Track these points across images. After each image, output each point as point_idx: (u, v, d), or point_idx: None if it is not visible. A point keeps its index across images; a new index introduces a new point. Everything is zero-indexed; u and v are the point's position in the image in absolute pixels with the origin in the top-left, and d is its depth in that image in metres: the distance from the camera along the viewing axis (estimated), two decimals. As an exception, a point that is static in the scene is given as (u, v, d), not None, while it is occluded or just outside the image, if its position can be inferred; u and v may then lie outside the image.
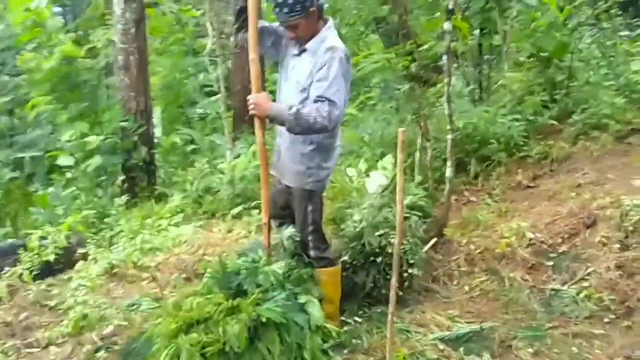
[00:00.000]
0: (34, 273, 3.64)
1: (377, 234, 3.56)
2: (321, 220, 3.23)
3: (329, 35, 2.93)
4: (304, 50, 2.94)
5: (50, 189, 6.59)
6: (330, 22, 3.01)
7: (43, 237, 3.69)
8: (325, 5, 3.16)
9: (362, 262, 3.61)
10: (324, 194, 3.28)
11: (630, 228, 3.59)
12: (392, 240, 3.35)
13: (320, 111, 2.73)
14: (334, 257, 3.32)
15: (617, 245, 3.56)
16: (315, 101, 2.78)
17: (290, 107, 2.78)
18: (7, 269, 3.93)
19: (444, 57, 3.78)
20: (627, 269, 3.42)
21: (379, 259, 3.55)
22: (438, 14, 6.91)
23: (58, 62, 7.02)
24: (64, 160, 6.24)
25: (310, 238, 3.15)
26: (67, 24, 14.78)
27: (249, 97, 2.86)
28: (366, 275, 3.60)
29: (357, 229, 3.63)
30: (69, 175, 6.47)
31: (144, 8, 7.34)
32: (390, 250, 3.44)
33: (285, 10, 2.78)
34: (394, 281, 2.39)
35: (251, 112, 2.85)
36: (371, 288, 3.59)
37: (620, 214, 3.71)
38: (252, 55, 2.85)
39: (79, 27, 10.91)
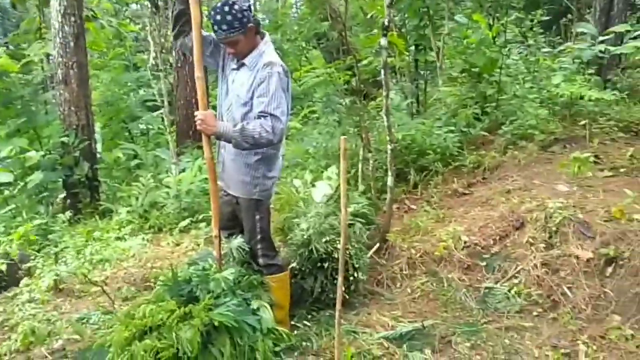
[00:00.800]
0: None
1: (323, 240, 3.70)
2: (269, 228, 3.35)
3: (266, 50, 3.05)
4: (243, 65, 3.05)
5: (-12, 207, 6.40)
6: (267, 36, 3.12)
7: (-6, 247, 3.62)
8: (266, 21, 3.30)
9: (310, 268, 3.74)
10: (271, 203, 3.42)
11: (554, 229, 3.90)
12: (338, 246, 3.51)
13: (264, 126, 2.84)
14: (282, 264, 3.45)
15: (543, 245, 3.86)
16: (259, 117, 2.89)
17: (235, 125, 2.88)
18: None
19: (382, 72, 3.99)
20: (551, 266, 3.71)
21: (326, 265, 3.71)
22: (375, 30, 7.20)
23: (-7, 77, 6.86)
24: (2, 177, 6.07)
25: (259, 247, 3.26)
26: (-2, 38, 14.32)
27: (196, 113, 2.91)
28: (314, 281, 3.75)
29: (305, 237, 3.77)
30: (7, 192, 6.29)
31: (83, 22, 7.27)
32: (336, 256, 3.60)
33: (224, 27, 2.87)
34: (340, 282, 2.55)
35: (198, 127, 2.90)
36: (319, 293, 3.73)
37: (545, 216, 4.01)
38: (198, 73, 2.92)
39: (13, 41, 10.60)
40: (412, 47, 7.39)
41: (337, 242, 3.65)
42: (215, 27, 2.90)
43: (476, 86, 6.73)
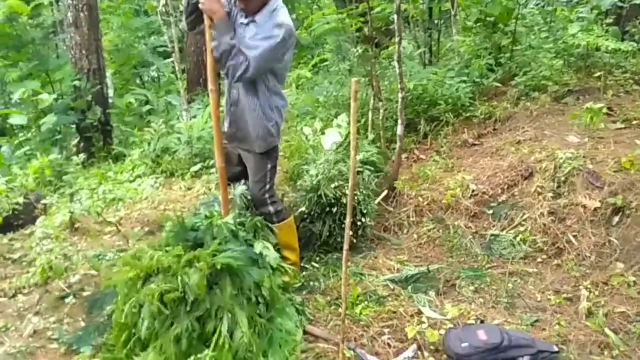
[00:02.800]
0: (5, 215, 3.66)
1: (332, 185, 3.76)
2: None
3: (277, 8, 2.96)
4: (253, 21, 3.00)
5: (3, 149, 6.48)
6: None
7: (10, 182, 3.71)
8: None
9: (318, 213, 3.81)
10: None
11: (563, 178, 3.92)
12: (347, 192, 3.57)
13: (247, 64, 2.86)
14: (286, 209, 3.50)
15: (550, 194, 3.89)
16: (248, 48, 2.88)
17: (232, 39, 2.87)
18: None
19: (395, 18, 3.94)
20: (558, 215, 3.76)
21: (334, 209, 3.77)
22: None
23: (3, 19, 6.83)
24: (16, 119, 6.13)
25: (267, 195, 3.29)
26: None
27: None
28: (322, 225, 3.82)
29: (314, 182, 3.83)
30: (21, 135, 6.35)
31: (94, -36, 7.18)
32: (344, 201, 3.67)
33: None
34: (348, 223, 2.60)
35: (201, 6, 2.84)
36: (327, 236, 3.82)
37: (554, 166, 4.03)
38: (212, 86, 2.93)
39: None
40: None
41: (346, 187, 3.70)
42: None
43: (491, 36, 6.61)
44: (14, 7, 6.65)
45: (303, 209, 3.85)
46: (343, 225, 3.60)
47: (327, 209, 3.80)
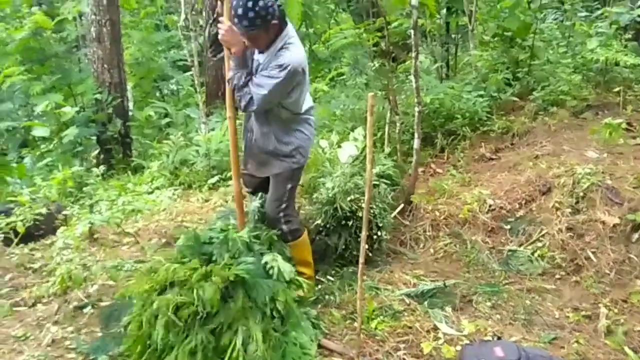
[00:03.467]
0: (27, 225, 3.73)
1: (348, 198, 3.77)
2: (295, 194, 3.40)
3: (285, 47, 2.93)
4: (261, 52, 3.02)
5: (25, 160, 6.61)
6: (287, 29, 2.98)
7: (34, 193, 3.78)
8: None
9: (334, 226, 3.82)
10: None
11: (581, 194, 3.89)
12: (363, 205, 3.57)
13: (251, 98, 2.90)
14: (302, 224, 3.49)
15: (569, 210, 3.86)
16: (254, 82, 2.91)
17: (248, 77, 2.90)
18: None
19: (412, 33, 3.97)
20: (576, 231, 3.72)
21: (350, 223, 3.77)
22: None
23: (29, 33, 6.99)
24: (39, 131, 6.26)
25: (282, 214, 3.27)
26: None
27: (220, 25, 2.85)
28: (338, 238, 3.83)
29: (330, 195, 3.84)
30: (43, 147, 6.48)
31: (116, -21, 7.34)
32: (360, 214, 3.66)
33: (245, 23, 2.76)
34: (363, 236, 2.61)
35: (221, 37, 2.87)
36: (343, 250, 3.82)
37: (573, 182, 4.00)
38: (229, 113, 2.99)
39: (46, -1, 10.73)
40: (444, 10, 7.27)
41: (362, 200, 3.70)
42: (236, 20, 2.81)
43: (508, 51, 6.61)
44: (39, 22, 6.82)
45: (319, 221, 3.86)
46: (359, 239, 3.59)
47: (343, 222, 3.80)
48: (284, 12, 3.00)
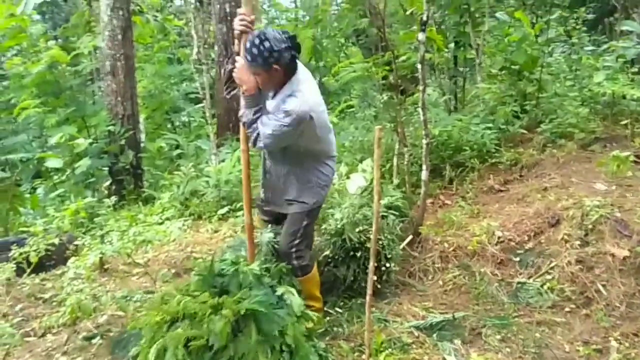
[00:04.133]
0: (40, 255, 3.77)
1: (356, 230, 3.79)
2: (312, 230, 3.43)
3: (292, 94, 2.96)
4: (273, 97, 3.09)
5: (38, 191, 6.71)
6: (297, 76, 3.02)
7: (48, 223, 3.84)
8: (306, 18, 3.31)
9: (342, 257, 3.82)
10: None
11: (590, 226, 3.88)
12: (371, 236, 3.59)
13: (258, 135, 2.98)
14: (311, 261, 3.47)
15: (578, 242, 3.85)
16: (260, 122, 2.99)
17: (257, 114, 2.99)
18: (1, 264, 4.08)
19: (419, 67, 4.04)
20: (586, 263, 3.70)
21: (358, 254, 3.78)
22: (414, 27, 7.23)
23: (45, 67, 7.17)
24: (52, 162, 6.36)
25: (294, 250, 3.29)
26: (47, 31, 14.85)
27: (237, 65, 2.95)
28: (347, 269, 3.82)
29: (339, 226, 3.85)
30: (55, 178, 6.58)
31: (131, 15, 7.54)
32: (369, 246, 3.65)
33: (249, 57, 2.87)
34: (371, 268, 2.63)
35: (234, 73, 2.97)
36: (351, 281, 3.81)
37: (582, 214, 3.99)
38: (243, 146, 3.07)
39: (63, 33, 11.02)
40: (452, 44, 7.40)
41: (370, 232, 3.69)
42: (245, 52, 2.92)
43: (516, 84, 6.68)
44: (56, 56, 7.01)
45: (327, 253, 3.87)
46: (367, 270, 3.60)
47: (352, 253, 3.81)
48: (295, 61, 2.99)
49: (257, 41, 2.84)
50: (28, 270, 3.94)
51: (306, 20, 10.98)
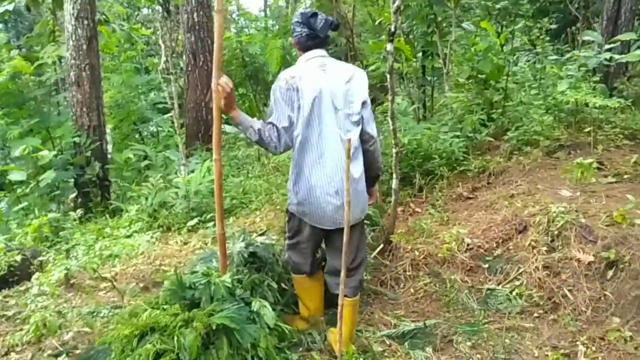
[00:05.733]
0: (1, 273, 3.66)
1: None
2: None
3: (293, 66, 3.10)
4: None
5: (1, 205, 6.53)
6: (308, 52, 3.04)
7: (10, 240, 3.73)
8: (275, 27, 3.34)
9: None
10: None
11: (556, 232, 3.95)
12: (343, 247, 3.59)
13: (270, 134, 2.92)
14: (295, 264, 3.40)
15: (545, 248, 3.92)
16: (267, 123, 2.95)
17: (257, 126, 2.90)
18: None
19: (388, 76, 4.07)
20: (553, 269, 3.77)
21: (330, 264, 3.77)
22: (383, 37, 7.30)
23: (7, 78, 7.01)
24: (16, 175, 6.20)
25: (358, 265, 3.25)
26: (10, 40, 14.54)
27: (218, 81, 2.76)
28: (319, 279, 3.81)
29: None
30: (19, 191, 6.41)
31: (96, 25, 7.42)
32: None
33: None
34: (342, 278, 2.62)
35: (215, 94, 2.78)
36: (324, 291, 3.80)
37: (548, 220, 4.07)
38: (216, 155, 2.89)
39: (27, 43, 10.78)
40: (420, 54, 7.49)
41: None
42: None
43: (483, 92, 6.80)
44: (18, 67, 6.86)
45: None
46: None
47: (323, 263, 3.80)
48: (309, 41, 3.02)
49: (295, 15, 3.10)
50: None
51: (275, 30, 10.99)
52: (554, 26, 10.05)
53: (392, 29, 3.74)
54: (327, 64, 3.03)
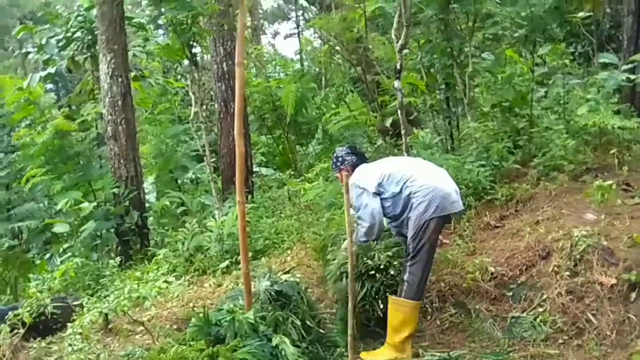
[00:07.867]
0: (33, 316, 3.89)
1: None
2: None
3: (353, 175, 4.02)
4: None
5: (48, 256, 6.89)
6: (361, 165, 4.22)
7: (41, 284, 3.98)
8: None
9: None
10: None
11: (579, 256, 3.93)
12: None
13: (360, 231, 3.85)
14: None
15: (568, 273, 3.90)
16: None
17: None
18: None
19: (399, 112, 4.21)
20: (576, 293, 3.75)
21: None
22: (405, 72, 7.46)
23: (51, 136, 7.45)
24: (59, 227, 6.55)
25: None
26: (61, 99, 15.39)
27: None
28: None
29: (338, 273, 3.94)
30: (66, 243, 6.75)
31: (130, 81, 7.86)
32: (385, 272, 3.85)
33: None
34: (350, 324, 2.71)
35: None
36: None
37: (570, 245, 4.05)
38: (239, 197, 3.33)
39: (70, 102, 11.44)
40: (443, 86, 7.60)
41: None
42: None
43: (508, 120, 6.81)
44: (60, 125, 7.31)
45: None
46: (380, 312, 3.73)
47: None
48: (359, 161, 4.26)
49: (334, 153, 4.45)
50: (22, 331, 4.04)
51: (289, 75, 11.25)
52: (583, 50, 9.96)
53: (398, 67, 3.90)
54: None
